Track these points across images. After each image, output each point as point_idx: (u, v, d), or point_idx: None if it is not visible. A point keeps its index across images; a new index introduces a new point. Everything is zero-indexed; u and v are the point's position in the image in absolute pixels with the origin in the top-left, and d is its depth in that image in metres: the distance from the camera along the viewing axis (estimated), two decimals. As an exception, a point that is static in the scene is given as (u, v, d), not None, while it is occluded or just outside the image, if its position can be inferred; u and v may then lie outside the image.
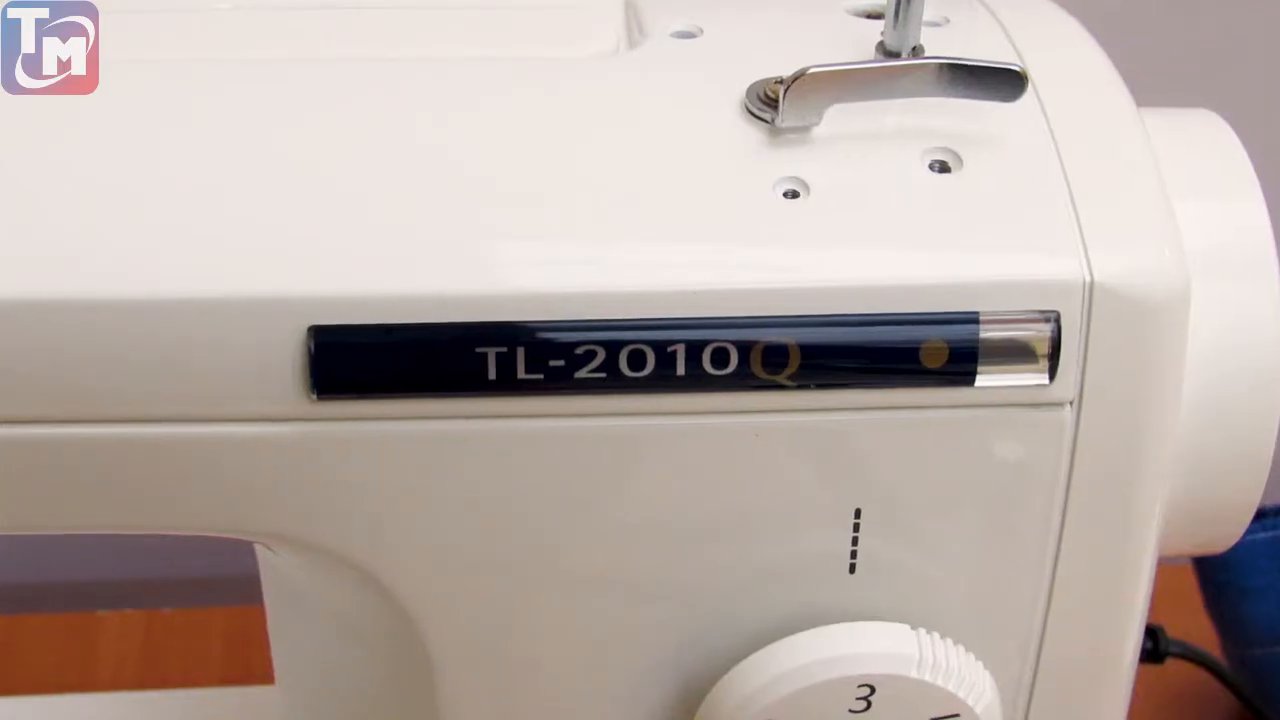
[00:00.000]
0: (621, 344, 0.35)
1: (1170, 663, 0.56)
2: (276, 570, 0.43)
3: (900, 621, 0.38)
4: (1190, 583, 0.65)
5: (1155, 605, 0.41)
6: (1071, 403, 0.36)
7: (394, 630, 0.39)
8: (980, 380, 0.36)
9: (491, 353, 0.35)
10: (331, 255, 0.35)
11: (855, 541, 0.38)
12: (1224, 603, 0.64)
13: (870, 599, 0.38)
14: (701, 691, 0.39)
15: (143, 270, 0.34)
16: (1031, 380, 0.36)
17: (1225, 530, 0.41)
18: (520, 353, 0.35)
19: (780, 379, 0.35)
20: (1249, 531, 0.43)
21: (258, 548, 0.43)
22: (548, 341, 0.35)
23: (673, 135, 0.37)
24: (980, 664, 0.38)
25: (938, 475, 0.37)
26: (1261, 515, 0.62)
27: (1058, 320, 0.35)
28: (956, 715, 0.38)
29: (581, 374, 0.35)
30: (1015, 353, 0.36)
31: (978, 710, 0.38)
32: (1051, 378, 0.36)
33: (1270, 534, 0.63)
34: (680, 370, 0.35)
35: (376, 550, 0.37)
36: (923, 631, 0.38)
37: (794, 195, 0.36)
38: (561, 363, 0.35)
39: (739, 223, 0.36)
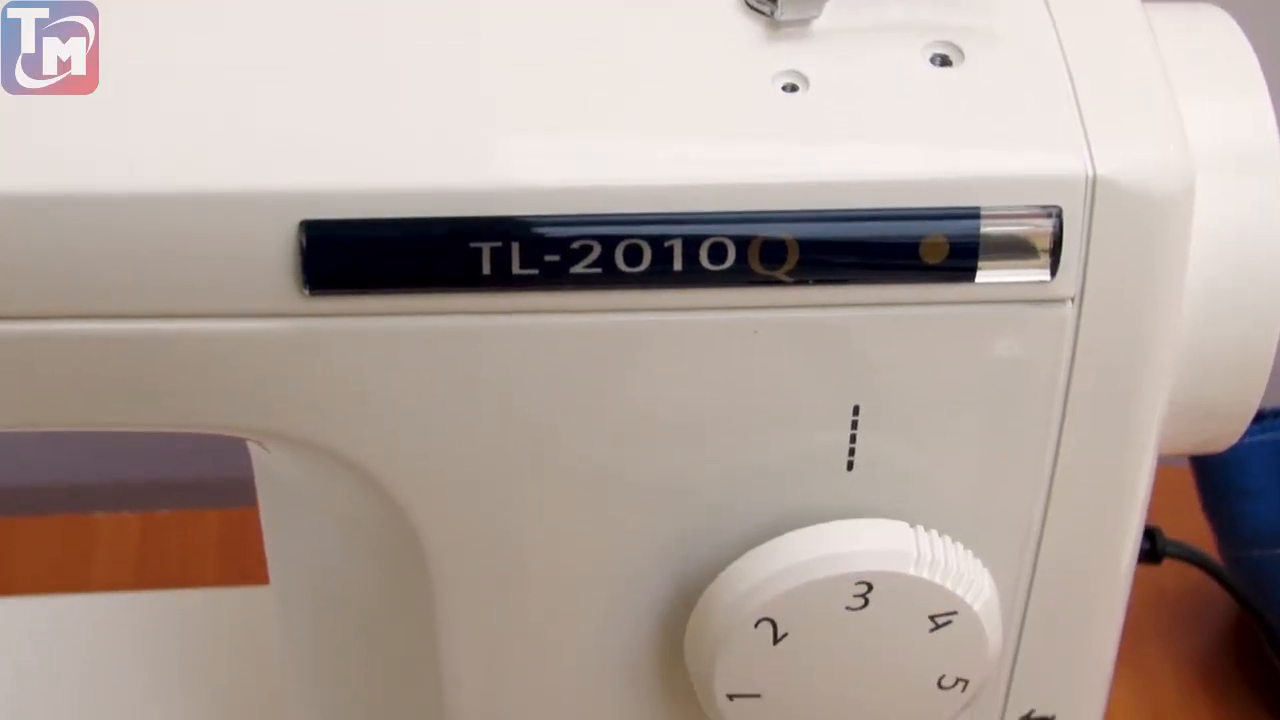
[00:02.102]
0: (617, 239, 0.34)
1: (1167, 563, 0.56)
2: (270, 469, 0.43)
3: (898, 519, 0.38)
4: (1188, 485, 0.65)
5: (1153, 507, 0.41)
6: (1073, 299, 0.36)
7: (389, 529, 0.39)
8: (981, 276, 0.35)
9: (486, 248, 0.34)
10: (324, 149, 0.35)
11: (853, 439, 0.37)
12: (1222, 504, 0.64)
13: (868, 497, 0.38)
14: (698, 588, 0.39)
15: (134, 165, 0.34)
16: (1033, 276, 0.35)
17: (1226, 429, 0.41)
18: (515, 248, 0.34)
19: (778, 274, 0.35)
20: (1248, 434, 0.43)
21: (251, 447, 0.42)
22: (543, 236, 0.34)
23: (671, 28, 0.36)
24: (979, 562, 0.38)
25: (937, 372, 0.37)
26: (1261, 418, 0.62)
27: (1059, 215, 0.35)
28: (954, 613, 0.38)
29: (577, 269, 0.35)
30: (1016, 248, 0.35)
31: (976, 608, 0.38)
32: (1053, 274, 0.35)
33: (1269, 436, 0.63)
34: (677, 266, 0.35)
35: (370, 447, 0.37)
36: (921, 529, 0.38)
37: (793, 89, 0.36)
38: (557, 258, 0.34)
39: (737, 116, 0.35)
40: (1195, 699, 0.66)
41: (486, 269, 0.34)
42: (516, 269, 0.34)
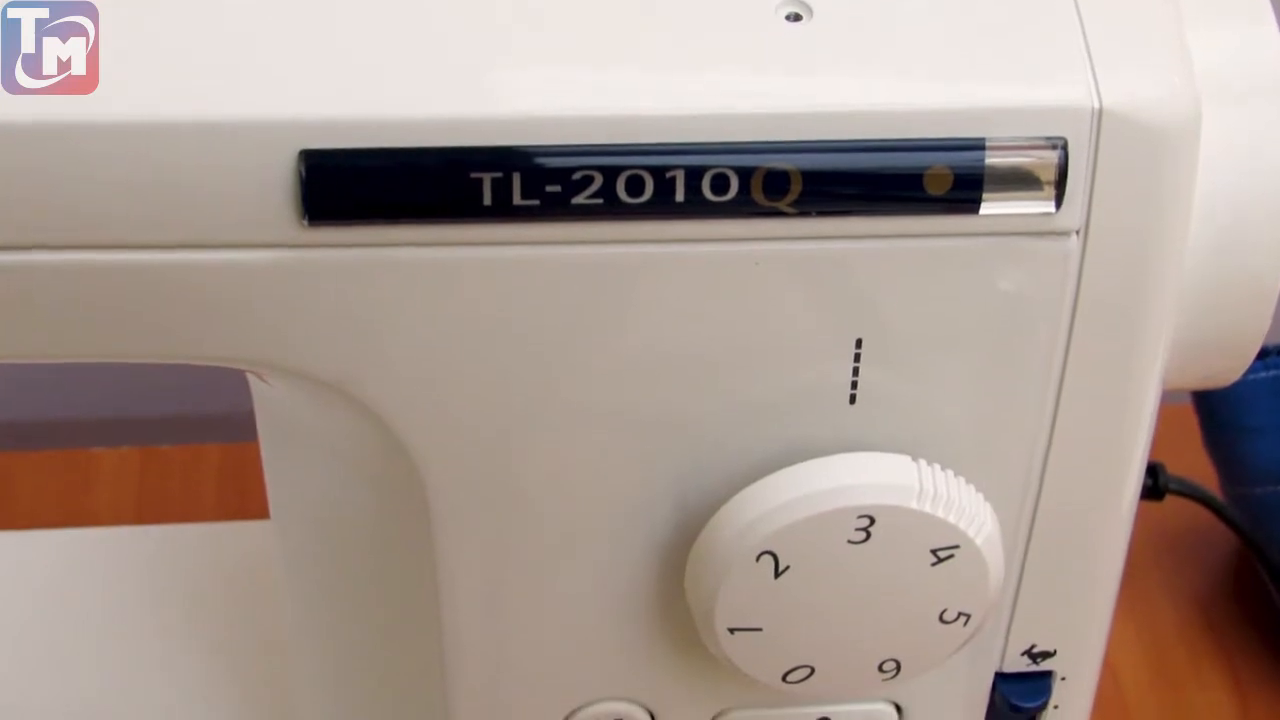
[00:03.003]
0: (619, 169, 0.34)
1: (1170, 500, 0.56)
2: (270, 403, 0.43)
3: (901, 453, 0.38)
4: (1190, 422, 0.65)
5: (1155, 444, 0.41)
6: (1078, 232, 0.36)
7: (389, 462, 0.39)
8: (985, 208, 0.35)
9: (487, 178, 0.34)
10: (324, 78, 0.34)
11: (856, 372, 0.37)
12: (1224, 441, 0.64)
13: (870, 431, 0.38)
14: (699, 523, 0.39)
15: (131, 94, 0.34)
16: (1037, 208, 0.35)
17: (1230, 364, 0.41)
18: (516, 178, 0.34)
19: (781, 206, 0.35)
20: (1251, 370, 0.42)
21: (252, 381, 0.42)
22: (544, 166, 0.34)
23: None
24: (981, 496, 0.38)
25: (940, 305, 0.36)
26: (1264, 354, 0.62)
27: (1065, 147, 0.35)
28: (956, 546, 0.38)
29: (578, 200, 0.34)
30: (1021, 180, 0.35)
31: (978, 542, 0.38)
32: (1058, 206, 0.35)
33: (1272, 373, 0.63)
34: (679, 196, 0.34)
35: (370, 379, 0.37)
36: (923, 463, 0.38)
37: (796, 18, 0.35)
38: (558, 188, 0.34)
39: (740, 46, 0.35)
40: (1195, 635, 0.67)
41: (487, 199, 0.34)
42: (517, 199, 0.34)
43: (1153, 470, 0.54)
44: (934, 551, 0.38)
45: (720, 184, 0.34)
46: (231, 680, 0.59)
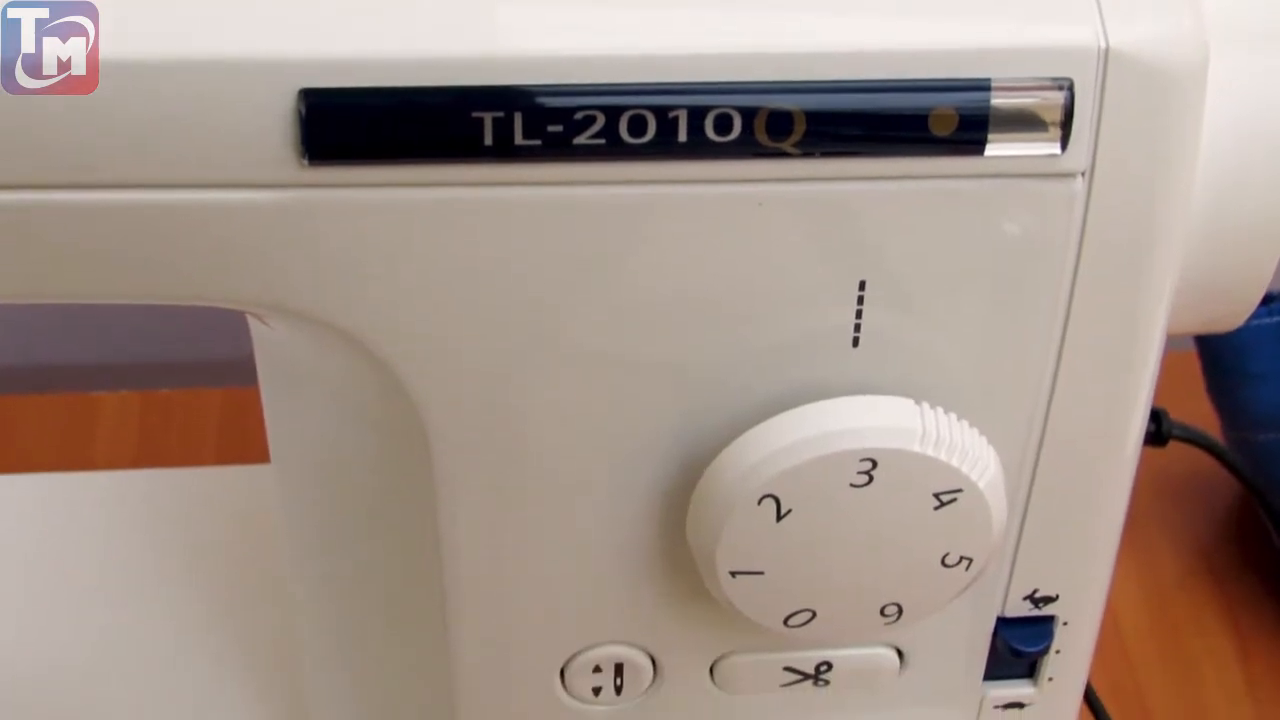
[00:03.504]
0: (621, 109, 0.34)
1: (1172, 447, 0.56)
2: (271, 345, 0.43)
3: (904, 396, 0.38)
4: (1193, 369, 0.65)
5: (1158, 391, 0.41)
6: (1083, 174, 0.35)
7: (390, 404, 0.39)
8: (990, 149, 0.35)
9: (488, 117, 0.34)
10: (324, 16, 0.34)
11: (859, 315, 0.37)
12: (1227, 387, 0.64)
13: (873, 374, 0.38)
14: (701, 465, 0.38)
15: (130, 32, 0.33)
16: (1042, 150, 0.35)
17: (1235, 309, 0.41)
18: (517, 118, 0.34)
19: (785, 146, 0.34)
20: (1254, 316, 0.42)
21: (252, 323, 0.42)
22: (546, 106, 0.34)
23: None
24: (984, 439, 0.38)
25: (945, 247, 0.36)
26: (1268, 300, 0.62)
27: (1071, 88, 0.34)
28: (959, 490, 0.38)
29: (580, 140, 0.34)
30: (1026, 121, 0.35)
31: (981, 485, 0.38)
32: (1063, 147, 0.35)
33: (1275, 319, 0.63)
34: (682, 137, 0.34)
35: (370, 321, 0.37)
36: (926, 406, 0.37)
37: (800, -42, 0.35)
38: (560, 128, 0.34)
39: (744, -14, 0.35)
40: (1197, 581, 0.67)
41: (488, 140, 0.34)
42: (519, 140, 0.34)
43: (1156, 416, 0.54)
44: (936, 495, 0.38)
45: (723, 124, 0.34)
46: (231, 623, 0.59)
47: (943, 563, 0.39)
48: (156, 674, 0.58)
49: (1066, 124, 0.35)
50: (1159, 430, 0.52)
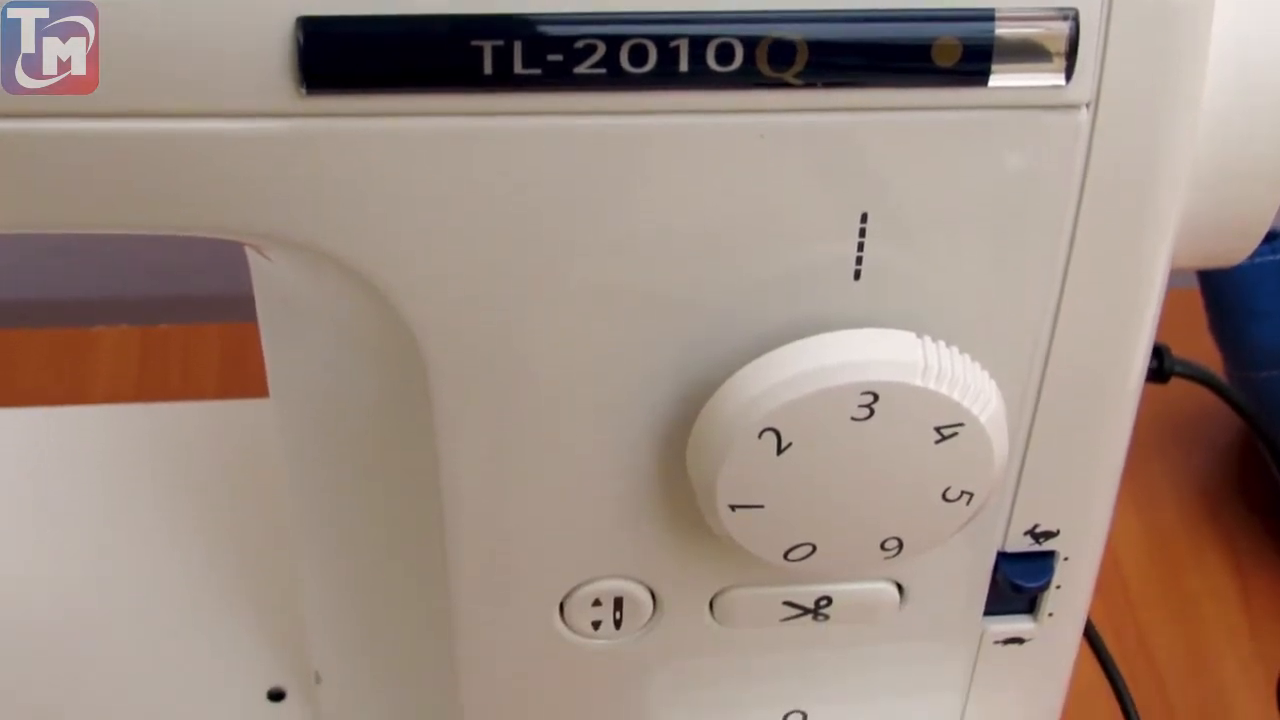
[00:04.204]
0: (622, 38, 0.34)
1: (1174, 384, 0.56)
2: (270, 279, 0.43)
3: (905, 330, 0.37)
4: (1196, 307, 0.65)
5: (1160, 329, 0.41)
6: (1088, 105, 0.35)
7: (389, 338, 0.38)
8: (993, 80, 0.35)
9: (488, 46, 0.33)
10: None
11: (861, 248, 0.37)
12: (1229, 325, 0.64)
13: (875, 307, 0.38)
14: (702, 399, 0.38)
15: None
16: (1047, 81, 0.35)
17: (1239, 244, 0.40)
18: (517, 46, 0.33)
19: (787, 77, 0.34)
20: (1257, 254, 0.42)
21: (250, 256, 0.42)
22: (546, 35, 0.33)
23: None
24: (986, 373, 0.38)
25: (947, 179, 0.36)
26: (1271, 237, 0.62)
27: (1075, 19, 0.34)
28: (961, 424, 0.37)
29: (581, 69, 0.34)
30: (1030, 52, 0.34)
31: (982, 420, 0.37)
32: (1068, 78, 0.35)
33: (1279, 257, 0.63)
34: (683, 67, 0.34)
35: (369, 252, 0.36)
36: (928, 339, 0.37)
37: (803, -115, 0.35)
38: (560, 57, 0.34)
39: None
40: (1197, 519, 0.67)
41: (488, 69, 0.34)
42: (519, 69, 0.34)
43: (1158, 352, 0.54)
44: (938, 429, 0.38)
45: (725, 54, 0.34)
46: (231, 557, 0.59)
47: (943, 497, 0.39)
48: (156, 608, 0.58)
49: (1071, 55, 0.34)
50: (1161, 367, 0.52)
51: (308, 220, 0.36)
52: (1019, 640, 0.46)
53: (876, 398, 0.37)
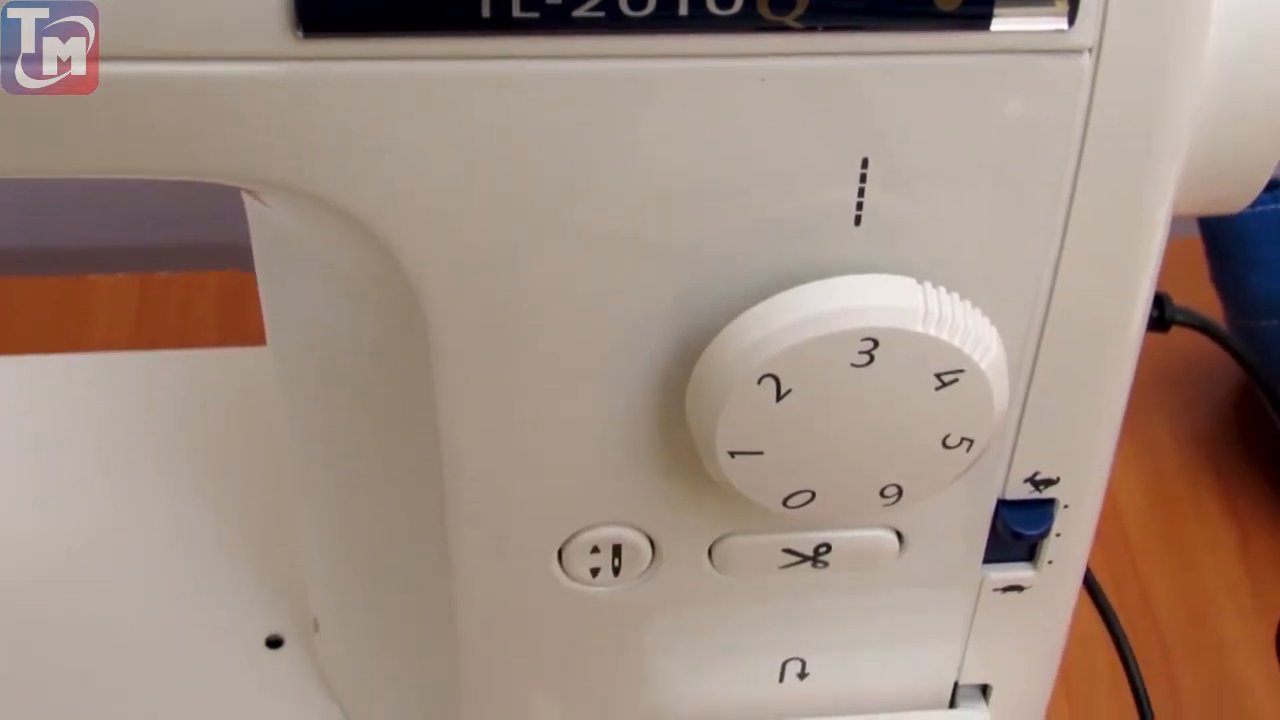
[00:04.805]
0: (622, -19, 0.33)
1: (1175, 333, 0.56)
2: (267, 226, 0.42)
3: (906, 276, 0.37)
4: (1197, 256, 0.65)
5: (1161, 278, 0.40)
6: (1090, 50, 0.35)
7: (387, 285, 0.38)
8: (995, 24, 0.34)
9: (485, -11, 0.33)
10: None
11: (861, 193, 0.37)
12: (1231, 274, 0.64)
13: (876, 253, 0.37)
14: (701, 345, 0.38)
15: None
16: (1049, 25, 0.34)
17: (1241, 190, 0.40)
18: (515, -11, 0.33)
19: (787, 20, 0.34)
20: (1259, 202, 0.42)
21: (248, 203, 0.42)
22: (544, -23, 0.33)
23: None
24: (986, 320, 0.38)
25: (949, 125, 0.36)
26: (1273, 186, 0.61)
27: (1078, -38, 0.34)
28: (961, 371, 0.37)
29: (580, 12, 0.33)
30: (1034, -5, 0.34)
31: (983, 366, 0.37)
32: (1070, 22, 0.34)
33: (1280, 206, 0.62)
34: (683, 10, 0.34)
35: (366, 197, 0.36)
36: (928, 285, 0.37)
37: None
38: (559, 0, 0.33)
39: None
40: (1197, 468, 0.67)
41: (486, 11, 0.33)
42: (517, 11, 0.33)
43: (1159, 301, 0.54)
44: (938, 375, 0.37)
45: (725, -4, 0.34)
46: (230, 505, 0.59)
47: (943, 444, 0.39)
48: (154, 556, 0.58)
49: (1074, -1, 0.34)
50: (1162, 315, 0.51)
51: (305, 165, 0.36)
52: (1018, 588, 0.46)
53: (876, 344, 0.37)
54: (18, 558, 0.58)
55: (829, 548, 0.43)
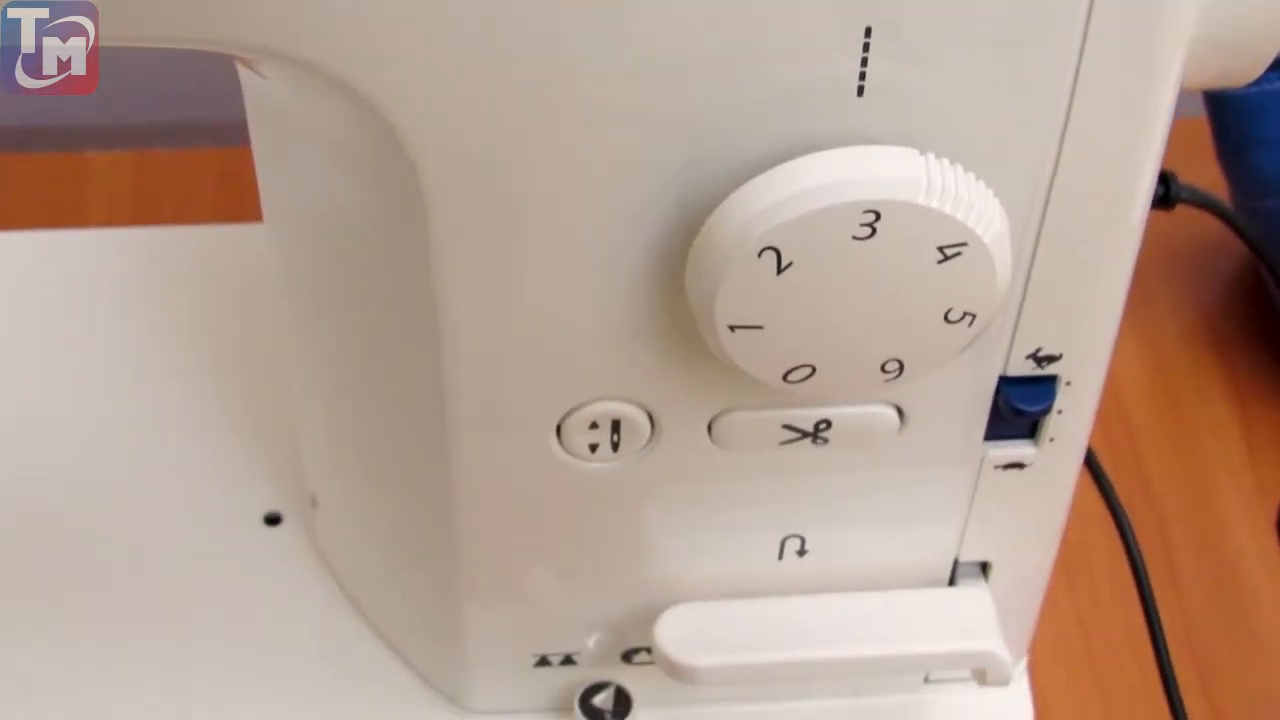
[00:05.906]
0: None
1: (1179, 212, 0.55)
2: (264, 98, 0.42)
3: (909, 148, 0.37)
4: (1203, 135, 0.65)
5: (1166, 158, 0.40)
6: (1098, -85, 0.34)
7: (384, 158, 0.38)
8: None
9: None
10: None
11: (864, 63, 0.36)
12: (1237, 153, 0.64)
13: (878, 124, 0.37)
14: (700, 218, 0.38)
15: None
16: (1058, -111, 0.34)
17: (1250, 62, 0.40)
18: None
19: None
20: (1265, 80, 0.41)
21: (244, 75, 0.41)
22: None
23: None
24: (990, 193, 0.37)
25: (954, -8, 0.35)
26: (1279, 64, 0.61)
27: None
28: (964, 244, 0.37)
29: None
30: None
31: (986, 240, 0.37)
32: (1079, -114, 0.34)
33: (1288, 84, 0.62)
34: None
35: (364, 67, 0.36)
36: (931, 157, 0.37)
37: None
38: None
39: None
40: (1200, 348, 0.67)
41: None
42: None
43: (1164, 178, 0.53)
44: (940, 249, 0.37)
45: None
46: (227, 381, 0.59)
47: (945, 318, 0.38)
48: (151, 432, 0.58)
49: None
50: (1167, 192, 0.51)
51: (301, 31, 0.35)
52: (1019, 465, 0.45)
53: (878, 216, 0.36)
54: (12, 429, 0.58)
55: (829, 424, 0.43)
